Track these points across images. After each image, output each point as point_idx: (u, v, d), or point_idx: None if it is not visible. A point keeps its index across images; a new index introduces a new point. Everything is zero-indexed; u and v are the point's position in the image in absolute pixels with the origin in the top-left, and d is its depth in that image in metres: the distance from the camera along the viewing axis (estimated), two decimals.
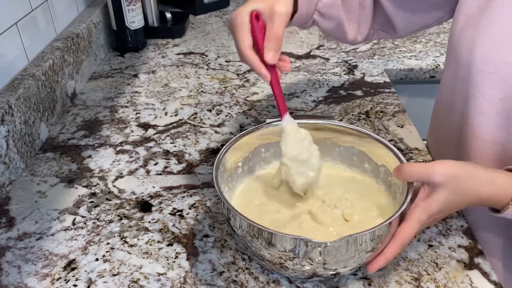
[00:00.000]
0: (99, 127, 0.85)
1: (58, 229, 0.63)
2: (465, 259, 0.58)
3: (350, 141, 0.66)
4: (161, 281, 0.55)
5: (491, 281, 0.55)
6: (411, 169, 0.53)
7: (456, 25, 0.62)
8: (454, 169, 0.51)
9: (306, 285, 0.55)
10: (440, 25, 1.24)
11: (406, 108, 0.91)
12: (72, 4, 1.03)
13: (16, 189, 0.70)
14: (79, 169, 0.75)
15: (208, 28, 1.29)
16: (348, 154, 0.67)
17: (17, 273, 0.57)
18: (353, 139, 0.65)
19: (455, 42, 0.62)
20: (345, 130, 0.65)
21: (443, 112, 0.70)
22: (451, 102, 0.65)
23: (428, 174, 0.51)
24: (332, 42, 1.18)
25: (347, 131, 0.65)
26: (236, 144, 0.62)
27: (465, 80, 0.60)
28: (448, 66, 0.67)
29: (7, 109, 0.69)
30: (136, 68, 1.07)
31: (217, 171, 0.56)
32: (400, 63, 1.07)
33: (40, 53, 0.86)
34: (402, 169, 0.54)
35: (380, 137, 0.62)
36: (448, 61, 0.66)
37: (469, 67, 0.58)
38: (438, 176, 0.50)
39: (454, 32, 0.62)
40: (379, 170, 0.63)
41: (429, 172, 0.51)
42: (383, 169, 0.62)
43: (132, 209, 0.66)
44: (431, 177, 0.50)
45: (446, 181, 0.50)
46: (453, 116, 0.65)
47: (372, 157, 0.64)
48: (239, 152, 0.63)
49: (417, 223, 0.51)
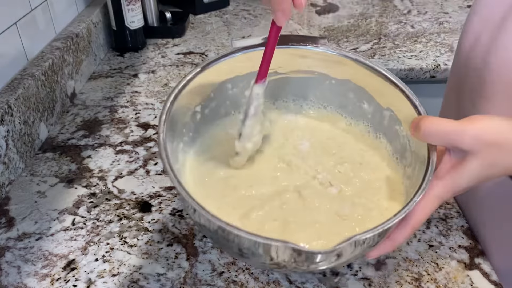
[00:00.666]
0: (99, 127, 0.85)
1: (58, 229, 0.63)
2: (466, 259, 0.58)
3: (345, 73, 0.52)
4: (161, 282, 0.55)
5: (492, 281, 0.55)
6: (436, 126, 0.40)
7: (469, 28, 0.55)
8: (496, 131, 0.38)
9: (307, 285, 0.54)
10: (441, 25, 1.24)
11: None
12: (72, 3, 1.03)
13: (16, 189, 0.70)
14: (79, 169, 0.74)
15: (208, 28, 1.29)
16: (342, 90, 0.53)
17: (16, 273, 0.57)
18: (350, 71, 0.51)
19: (466, 47, 0.55)
20: (341, 60, 0.50)
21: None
22: (456, 114, 0.57)
23: (457, 136, 0.39)
24: (332, 42, 1.18)
25: (344, 61, 0.50)
26: (191, 84, 0.47)
27: (474, 91, 0.53)
28: (454, 75, 0.59)
29: (6, 109, 0.69)
30: (136, 68, 1.07)
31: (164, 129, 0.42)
32: (400, 62, 1.07)
33: (39, 53, 0.86)
34: (422, 125, 0.40)
35: (389, 72, 0.48)
36: (456, 69, 0.59)
37: (481, 77, 0.51)
38: (470, 140, 0.38)
39: (466, 37, 0.55)
40: (383, 115, 0.50)
41: (460, 134, 0.39)
42: (388, 114, 0.50)
43: (131, 209, 0.66)
44: (462, 141, 0.39)
45: (480, 149, 0.38)
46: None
47: (375, 96, 0.50)
48: (196, 94, 0.49)
49: (436, 201, 0.40)
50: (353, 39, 1.19)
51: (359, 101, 0.52)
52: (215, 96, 0.52)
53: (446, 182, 0.40)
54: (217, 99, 0.52)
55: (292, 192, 0.48)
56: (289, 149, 0.55)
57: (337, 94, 0.53)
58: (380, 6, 1.39)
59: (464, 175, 0.39)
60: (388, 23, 1.27)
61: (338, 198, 0.48)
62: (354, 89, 0.52)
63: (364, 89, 0.51)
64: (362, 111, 0.52)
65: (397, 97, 0.47)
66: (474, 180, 0.40)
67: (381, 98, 0.50)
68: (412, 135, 0.42)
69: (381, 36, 1.20)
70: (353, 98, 0.53)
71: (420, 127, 0.41)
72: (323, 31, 1.23)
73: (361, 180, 0.50)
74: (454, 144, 0.39)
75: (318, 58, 0.51)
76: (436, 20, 1.28)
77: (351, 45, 1.15)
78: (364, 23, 1.28)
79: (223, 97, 0.53)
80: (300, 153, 0.54)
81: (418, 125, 0.41)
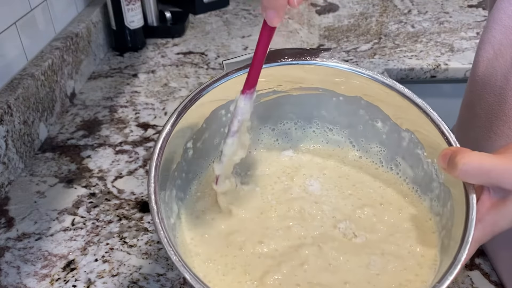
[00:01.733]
0: (98, 127, 0.85)
1: (57, 230, 0.63)
2: None
3: (355, 89, 0.45)
4: (160, 282, 0.55)
5: (492, 281, 0.55)
6: (478, 165, 0.34)
7: (489, 39, 0.48)
8: None
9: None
10: (441, 24, 1.24)
11: None
12: (71, 3, 1.03)
13: (15, 189, 0.70)
14: (78, 169, 0.74)
15: (207, 27, 1.29)
16: (352, 108, 0.46)
17: (16, 273, 0.57)
18: (361, 86, 0.44)
19: (484, 60, 0.49)
20: (350, 75, 0.44)
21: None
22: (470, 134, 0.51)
23: (501, 175, 0.34)
24: (332, 42, 1.18)
25: (352, 75, 0.44)
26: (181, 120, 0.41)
27: (491, 111, 0.47)
28: (470, 90, 0.52)
29: (6, 109, 0.69)
30: (136, 67, 1.07)
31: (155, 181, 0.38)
32: (400, 62, 1.06)
33: (39, 53, 0.86)
34: (460, 161, 0.34)
35: (405, 88, 0.41)
36: (472, 83, 0.52)
37: (500, 95, 0.45)
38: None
39: (484, 48, 0.48)
40: (401, 137, 0.44)
41: (503, 173, 0.34)
42: (408, 136, 0.43)
43: (131, 209, 0.66)
44: (505, 181, 0.34)
45: None
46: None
47: (390, 115, 0.44)
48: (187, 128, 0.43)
49: (475, 246, 0.35)
50: (353, 38, 1.18)
51: (371, 119, 0.46)
52: (207, 126, 0.46)
53: (486, 224, 0.35)
54: (210, 129, 0.46)
55: (311, 246, 0.41)
56: (297, 192, 0.47)
57: (346, 112, 0.47)
58: (380, 6, 1.39)
59: (506, 215, 0.35)
60: (389, 23, 1.27)
61: (365, 250, 0.41)
62: (365, 106, 0.46)
63: (378, 106, 0.45)
64: (375, 130, 0.46)
65: (419, 118, 0.41)
66: None
67: (398, 118, 0.44)
68: (444, 170, 0.36)
69: (382, 36, 1.20)
70: (364, 116, 0.46)
71: (457, 164, 0.34)
72: (323, 31, 1.23)
73: (386, 225, 0.43)
74: (495, 183, 0.35)
75: (324, 73, 0.45)
76: (437, 19, 1.28)
77: (352, 44, 1.15)
78: (364, 22, 1.28)
79: (216, 125, 0.46)
80: (311, 196, 0.46)
81: (454, 161, 0.34)
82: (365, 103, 0.45)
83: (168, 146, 0.40)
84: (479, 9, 1.33)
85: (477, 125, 0.49)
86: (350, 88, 0.45)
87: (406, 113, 0.42)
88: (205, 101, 0.43)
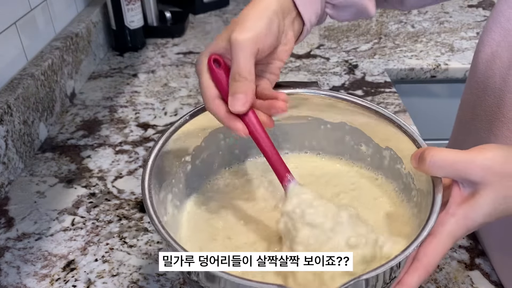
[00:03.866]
0: (98, 127, 0.85)
1: (57, 230, 0.63)
2: (466, 259, 0.58)
3: (340, 116, 0.49)
4: (160, 282, 0.55)
5: (492, 281, 0.55)
6: (443, 157, 0.36)
7: (487, 40, 0.49)
8: (507, 160, 0.35)
9: None
10: (441, 24, 1.24)
11: (407, 108, 0.91)
12: (71, 3, 1.03)
13: (15, 189, 0.70)
14: (78, 169, 0.74)
15: (207, 27, 1.29)
16: (338, 135, 0.50)
17: (16, 273, 0.57)
18: (343, 112, 0.48)
19: (483, 62, 0.49)
20: (333, 104, 0.48)
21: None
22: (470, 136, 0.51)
23: (466, 166, 0.35)
24: (332, 42, 1.18)
25: (336, 103, 0.48)
26: (179, 132, 0.43)
27: (491, 112, 0.47)
28: (469, 91, 0.53)
29: (6, 109, 0.69)
30: (136, 67, 1.07)
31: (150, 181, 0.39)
32: (400, 62, 1.06)
33: (39, 53, 0.86)
34: (427, 155, 0.37)
35: (384, 109, 0.45)
36: (471, 84, 0.52)
37: (499, 97, 0.46)
38: (480, 171, 0.35)
39: (483, 49, 0.49)
40: (383, 155, 0.48)
41: (468, 164, 0.35)
42: (388, 154, 0.47)
43: (131, 209, 0.66)
44: (471, 171, 0.35)
45: (492, 181, 0.35)
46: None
47: (372, 137, 0.48)
48: (187, 140, 0.46)
49: (450, 239, 0.36)
50: (353, 38, 1.18)
51: (356, 144, 0.49)
52: (206, 146, 0.48)
53: (458, 217, 0.36)
54: (209, 148, 0.48)
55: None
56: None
57: (333, 140, 0.50)
58: None
59: (477, 208, 0.36)
60: (389, 23, 1.27)
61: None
62: (350, 131, 0.49)
63: (360, 130, 0.48)
64: (360, 154, 0.49)
65: (394, 133, 0.44)
66: (489, 214, 0.36)
67: (377, 137, 0.47)
68: (416, 167, 0.39)
69: (382, 36, 1.20)
70: (349, 141, 0.50)
71: (425, 158, 0.37)
72: (323, 31, 1.23)
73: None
74: (462, 175, 0.36)
75: (311, 102, 0.48)
76: (437, 19, 1.28)
77: (352, 44, 1.15)
78: (365, 22, 1.28)
79: (215, 147, 0.49)
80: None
81: (423, 156, 0.37)
82: (349, 128, 0.49)
83: (170, 146, 0.43)
84: (479, 9, 1.33)
85: (477, 126, 0.50)
86: (334, 115, 0.49)
87: (383, 130, 0.46)
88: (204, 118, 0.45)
